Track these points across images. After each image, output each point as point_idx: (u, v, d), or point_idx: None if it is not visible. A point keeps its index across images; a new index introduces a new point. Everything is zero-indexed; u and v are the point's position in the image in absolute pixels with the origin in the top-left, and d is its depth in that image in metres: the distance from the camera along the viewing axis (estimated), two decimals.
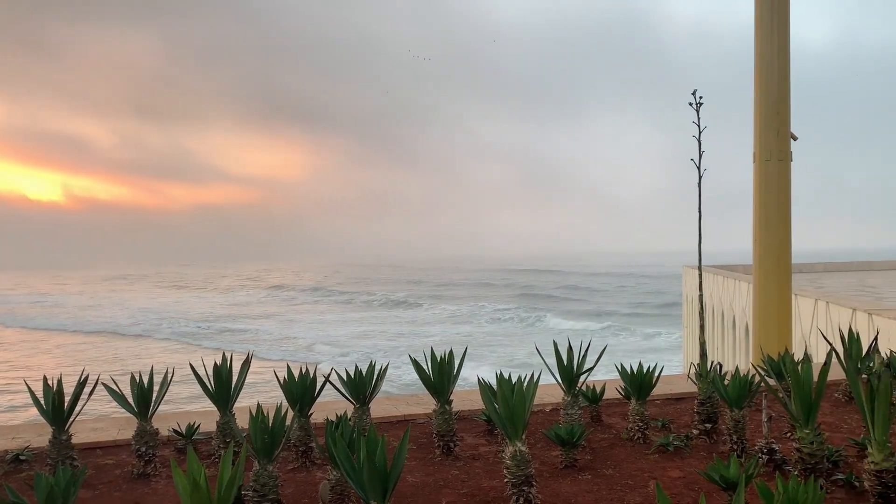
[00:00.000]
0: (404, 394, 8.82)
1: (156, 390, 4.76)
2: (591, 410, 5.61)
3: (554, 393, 5.91)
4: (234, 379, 4.87)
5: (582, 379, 5.20)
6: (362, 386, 5.04)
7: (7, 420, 23.94)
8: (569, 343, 5.27)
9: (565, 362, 5.14)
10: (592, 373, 5.22)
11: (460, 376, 5.12)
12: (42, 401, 4.57)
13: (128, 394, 4.70)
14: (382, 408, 6.03)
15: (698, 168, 6.02)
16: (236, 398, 4.91)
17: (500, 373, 4.09)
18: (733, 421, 4.69)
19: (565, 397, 5.13)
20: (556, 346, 5.21)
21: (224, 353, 4.96)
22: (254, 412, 3.77)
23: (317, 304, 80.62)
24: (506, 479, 3.82)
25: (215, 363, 4.80)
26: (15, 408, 27.39)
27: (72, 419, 4.59)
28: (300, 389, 4.78)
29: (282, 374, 4.89)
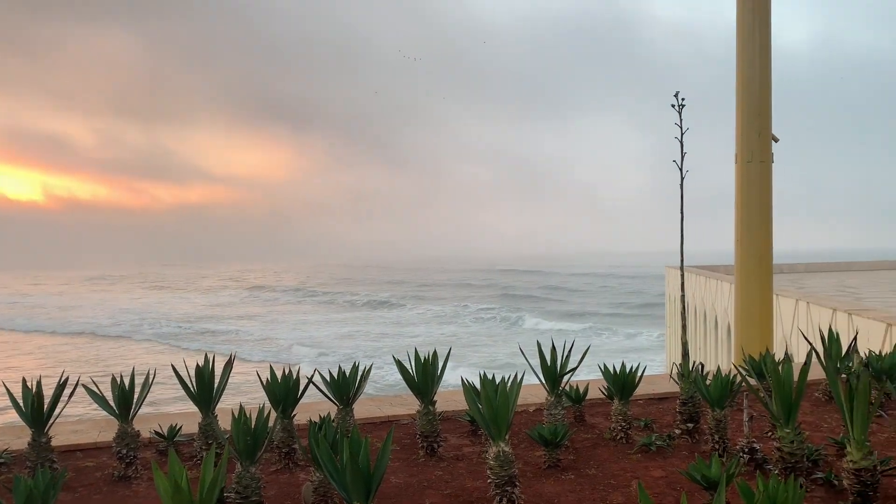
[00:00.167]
0: (388, 395, 8.80)
1: (137, 392, 4.72)
2: (575, 410, 5.63)
3: (538, 393, 5.93)
4: (217, 380, 4.84)
5: (565, 379, 5.22)
6: (346, 387, 5.02)
7: None
8: (552, 343, 5.29)
9: (549, 363, 5.15)
10: (575, 373, 5.24)
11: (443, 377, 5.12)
12: (21, 403, 4.52)
13: (109, 396, 4.66)
14: (366, 409, 6.02)
15: (680, 169, 6.07)
16: (219, 399, 4.88)
17: (484, 373, 4.09)
18: (715, 421, 4.72)
19: (549, 397, 5.15)
20: (539, 346, 5.23)
21: (206, 355, 4.93)
22: (236, 413, 3.76)
23: (299, 304, 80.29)
24: (489, 480, 3.82)
25: (197, 364, 4.77)
26: None
27: (51, 421, 4.55)
28: (283, 391, 4.76)
29: (264, 375, 4.86)
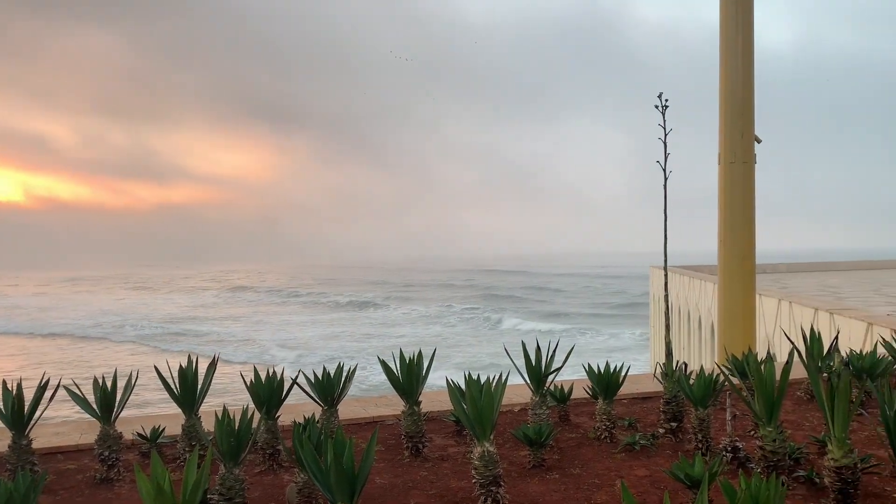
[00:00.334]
0: (373, 395, 8.79)
1: (119, 393, 4.68)
2: (559, 410, 5.64)
3: (522, 393, 5.93)
4: (200, 381, 4.81)
5: (550, 379, 5.23)
6: (330, 388, 5.00)
7: None
8: (537, 343, 5.30)
9: (534, 363, 5.16)
10: (560, 373, 5.25)
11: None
12: (1, 405, 4.47)
13: (91, 398, 4.61)
14: (351, 409, 6.01)
15: (664, 170, 6.10)
16: (202, 401, 4.85)
17: (469, 374, 4.09)
18: (698, 420, 4.75)
19: (533, 397, 5.15)
20: (524, 346, 5.23)
21: (189, 356, 4.89)
22: (220, 415, 3.73)
23: (283, 305, 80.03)
24: (474, 480, 3.82)
25: (180, 365, 4.74)
26: None
27: (32, 424, 4.49)
28: (267, 392, 4.73)
29: (248, 377, 4.84)
